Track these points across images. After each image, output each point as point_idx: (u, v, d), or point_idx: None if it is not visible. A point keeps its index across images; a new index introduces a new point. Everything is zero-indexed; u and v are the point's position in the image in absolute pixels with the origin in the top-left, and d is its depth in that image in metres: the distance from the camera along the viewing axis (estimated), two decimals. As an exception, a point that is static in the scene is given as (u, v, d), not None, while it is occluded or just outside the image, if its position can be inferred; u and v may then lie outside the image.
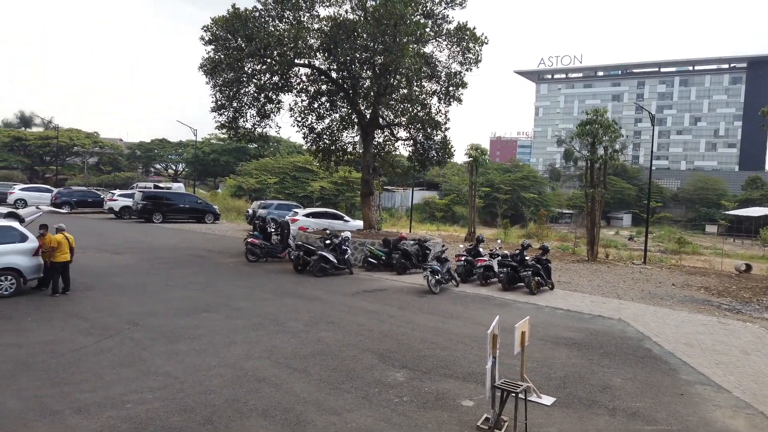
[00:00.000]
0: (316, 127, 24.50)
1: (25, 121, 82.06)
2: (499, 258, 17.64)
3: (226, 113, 22.31)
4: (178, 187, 46.14)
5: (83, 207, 38.79)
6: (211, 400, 7.56)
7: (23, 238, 13.43)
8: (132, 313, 12.03)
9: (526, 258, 17.23)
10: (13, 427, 6.52)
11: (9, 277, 13.02)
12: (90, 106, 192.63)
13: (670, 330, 12.79)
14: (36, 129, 78.36)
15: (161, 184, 45.09)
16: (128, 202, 36.16)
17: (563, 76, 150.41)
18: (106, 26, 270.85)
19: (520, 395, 6.98)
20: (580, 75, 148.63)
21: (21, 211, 17.72)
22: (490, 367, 6.87)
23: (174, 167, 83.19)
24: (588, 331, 12.40)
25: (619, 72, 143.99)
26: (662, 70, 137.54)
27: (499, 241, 24.08)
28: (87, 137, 73.20)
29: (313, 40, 21.17)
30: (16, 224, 13.93)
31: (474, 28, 22.71)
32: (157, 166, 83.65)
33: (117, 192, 39.38)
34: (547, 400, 8.14)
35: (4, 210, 18.18)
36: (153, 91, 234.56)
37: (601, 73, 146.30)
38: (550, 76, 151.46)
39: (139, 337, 10.30)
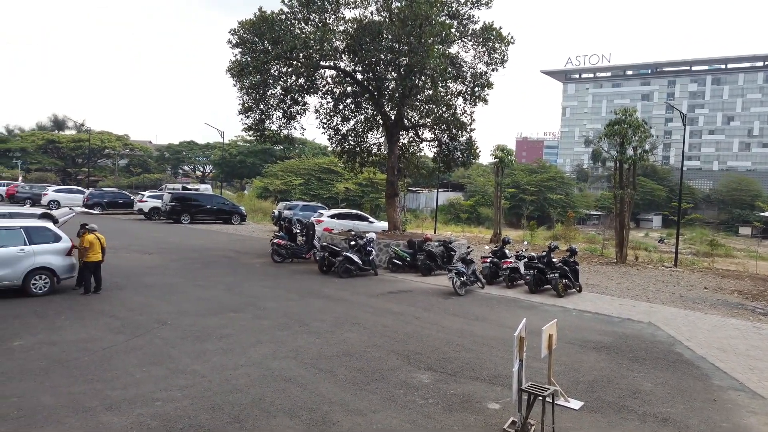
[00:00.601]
0: (341, 128, 24.62)
1: (59, 124, 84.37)
2: (526, 260, 17.45)
3: (252, 115, 22.57)
4: (206, 188, 46.84)
5: (114, 208, 39.63)
6: (238, 399, 7.64)
7: (57, 238, 13.77)
8: (161, 313, 12.24)
9: (553, 260, 17.01)
10: (47, 422, 6.69)
11: (43, 276, 13.38)
12: (120, 108, 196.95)
13: (702, 334, 12.49)
14: (69, 132, 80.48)
15: (189, 186, 45.80)
16: (157, 203, 36.81)
17: (591, 75, 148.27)
18: (136, 31, 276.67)
19: (547, 399, 6.89)
20: (609, 74, 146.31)
21: (55, 212, 18.18)
22: (517, 370, 6.80)
23: (202, 169, 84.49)
24: (617, 334, 12.18)
25: (649, 71, 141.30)
26: (693, 68, 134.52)
27: (525, 242, 23.82)
28: (117, 140, 74.86)
29: (338, 42, 21.27)
30: (50, 224, 14.30)
31: (500, 28, 22.53)
32: (186, 167, 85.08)
33: (146, 193, 40.12)
34: (575, 404, 8.02)
35: (38, 211, 18.68)
36: (181, 94, 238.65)
37: (630, 72, 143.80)
38: (577, 76, 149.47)
39: (168, 336, 10.47)
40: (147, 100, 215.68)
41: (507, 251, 19.01)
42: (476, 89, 23.00)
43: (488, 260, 18.13)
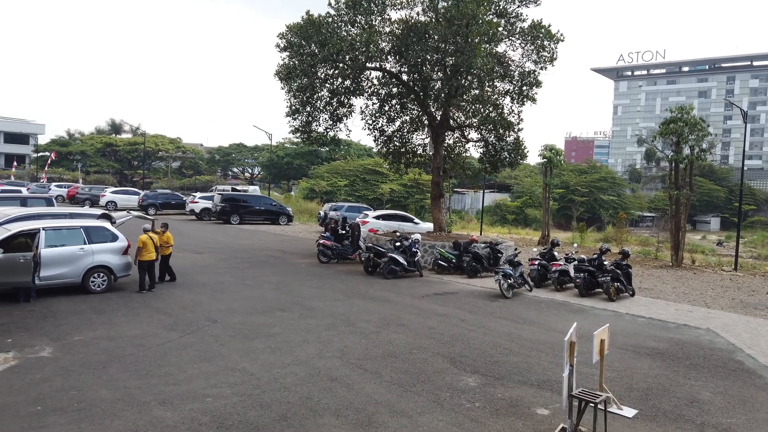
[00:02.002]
0: (386, 129, 24.65)
1: (116, 127, 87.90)
2: (576, 262, 17.01)
3: (300, 118, 22.87)
4: (254, 189, 47.84)
5: (167, 209, 40.93)
6: (285, 397, 7.74)
7: (114, 238, 14.34)
8: (211, 311, 12.55)
9: (605, 263, 16.51)
10: (104, 415, 6.95)
11: (101, 274, 13.94)
12: (173, 112, 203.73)
13: (766, 342, 11.86)
14: (125, 135, 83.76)
15: (238, 187, 46.89)
16: (208, 204, 37.82)
17: (644, 72, 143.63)
18: (188, 36, 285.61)
19: (599, 406, 6.68)
20: (663, 71, 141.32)
21: (113, 214, 18.95)
22: (567, 376, 6.62)
23: (250, 170, 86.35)
24: (673, 340, 11.71)
25: (706, 67, 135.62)
26: (755, 63, 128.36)
27: (575, 245, 23.23)
28: (171, 142, 77.38)
29: (384, 44, 21.31)
30: (107, 224, 14.91)
31: (549, 26, 22.08)
32: (235, 169, 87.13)
33: (198, 195, 41.28)
34: (629, 412, 7.75)
35: (97, 211, 19.51)
36: (231, 97, 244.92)
37: (686, 69, 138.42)
38: (629, 73, 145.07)
39: (218, 334, 10.72)
40: (198, 104, 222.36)
41: (556, 253, 18.60)
42: (524, 88, 22.62)
43: (536, 262, 17.78)
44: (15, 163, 69.86)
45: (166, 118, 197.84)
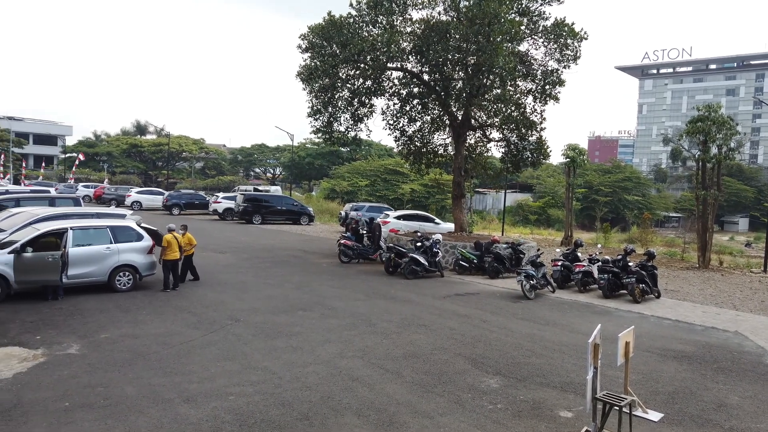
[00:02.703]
0: (407, 129, 24.63)
1: (141, 129, 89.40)
2: (599, 263, 16.76)
3: (321, 118, 22.97)
4: (276, 190, 48.19)
5: (190, 209, 41.46)
6: (307, 396, 7.77)
7: (139, 238, 14.57)
8: (234, 310, 12.67)
9: (629, 264, 16.26)
10: (130, 412, 7.06)
11: (127, 273, 14.18)
12: (197, 113, 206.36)
13: (798, 346, 11.55)
14: (150, 136, 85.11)
15: (260, 188, 47.28)
16: (231, 204, 38.20)
17: (670, 70, 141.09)
18: (210, 38, 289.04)
19: (624, 409, 6.58)
20: (690, 69, 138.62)
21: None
22: (591, 378, 6.53)
23: (272, 171, 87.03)
24: (700, 343, 11.48)
25: (735, 64, 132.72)
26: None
27: (599, 245, 22.92)
28: (194, 143, 78.40)
29: (405, 44, 21.29)
30: (132, 224, 15.16)
31: (572, 24, 21.84)
32: (257, 169, 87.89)
33: (221, 195, 41.73)
34: (654, 415, 7.61)
35: (123, 211, 19.83)
36: (253, 99, 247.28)
37: (713, 66, 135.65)
38: (655, 71, 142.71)
39: (240, 333, 10.82)
40: (222, 105, 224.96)
41: (579, 254, 18.38)
42: (547, 87, 22.40)
43: (559, 263, 17.57)
44: (44, 164, 71.48)
45: (189, 120, 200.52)
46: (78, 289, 13.59)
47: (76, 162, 59.13)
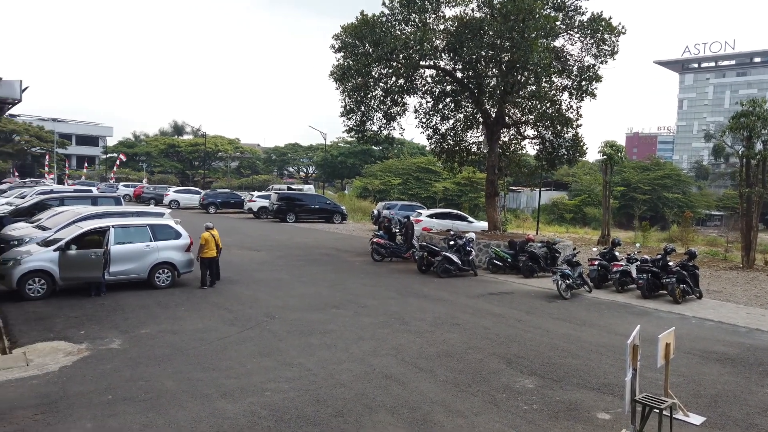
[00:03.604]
0: (440, 127, 24.52)
1: (178, 129, 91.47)
2: (638, 263, 16.38)
3: (354, 117, 23.06)
4: (309, 188, 48.63)
5: (226, 207, 42.20)
6: (341, 393, 7.83)
7: (177, 236, 14.91)
8: (269, 307, 12.86)
9: (669, 263, 15.83)
10: (170, 406, 7.24)
11: (166, 270, 14.52)
12: (232, 113, 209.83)
13: None
14: (187, 136, 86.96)
15: (294, 186, 47.77)
16: (265, 203, 38.74)
17: (712, 64, 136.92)
18: (245, 40, 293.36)
19: (664, 412, 6.42)
20: (733, 62, 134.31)
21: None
22: (630, 380, 6.39)
23: (305, 170, 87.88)
24: (744, 345, 11.11)
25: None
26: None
27: (637, 245, 22.36)
28: (229, 143, 79.80)
29: (438, 41, 21.20)
30: (171, 222, 15.52)
31: (610, 18, 21.38)
32: (290, 168, 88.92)
33: (255, 194, 42.35)
34: (696, 419, 7.41)
35: (162, 210, 20.32)
36: (287, 99, 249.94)
37: (758, 60, 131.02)
38: (696, 65, 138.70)
39: (275, 329, 10.97)
40: (256, 105, 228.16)
41: (617, 253, 17.99)
42: (583, 83, 21.99)
43: (596, 263, 17.24)
44: (86, 164, 73.81)
45: (225, 120, 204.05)
46: (119, 286, 13.98)
47: (117, 162, 60.89)
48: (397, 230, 22.18)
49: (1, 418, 6.67)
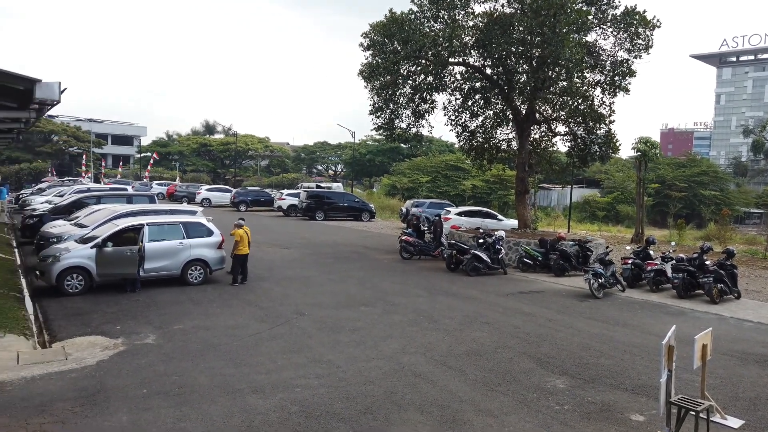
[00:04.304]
0: (469, 125, 24.35)
1: (209, 128, 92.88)
2: (673, 262, 16.00)
3: (382, 115, 23.06)
4: (338, 186, 48.91)
5: (256, 205, 42.71)
6: (370, 390, 7.85)
7: (210, 233, 15.16)
8: (299, 304, 12.97)
9: (706, 262, 15.41)
10: (202, 400, 7.37)
11: (198, 267, 14.78)
12: (262, 112, 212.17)
13: None
14: (218, 136, 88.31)
15: (322, 185, 48.07)
16: (294, 201, 39.09)
17: (751, 57, 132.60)
18: (275, 39, 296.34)
19: (701, 414, 6.26)
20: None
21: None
22: (665, 381, 6.25)
23: (333, 168, 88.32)
24: (785, 348, 10.74)
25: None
26: None
27: (672, 243, 21.85)
28: (259, 142, 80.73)
29: (467, 38, 21.04)
30: (203, 220, 15.78)
31: (644, 12, 20.90)
32: (319, 167, 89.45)
33: (285, 192, 42.75)
34: (734, 422, 7.20)
35: (194, 208, 20.69)
36: (316, 97, 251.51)
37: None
38: (734, 59, 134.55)
39: (305, 326, 11.07)
40: (286, 104, 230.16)
41: (651, 252, 17.60)
42: (616, 78, 21.57)
43: (629, 261, 16.89)
44: (121, 163, 75.62)
45: (255, 119, 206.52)
46: (153, 282, 14.28)
47: (151, 161, 62.17)
48: (426, 228, 22.11)
49: (43, 410, 6.89)
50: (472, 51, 21.40)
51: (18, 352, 8.93)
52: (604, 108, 22.03)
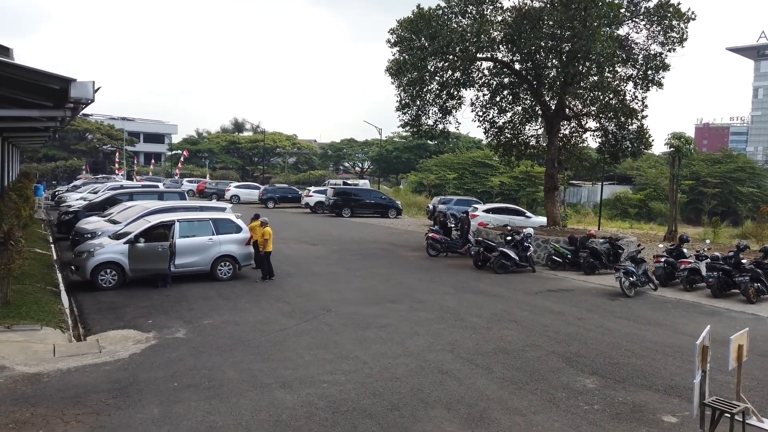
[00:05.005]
0: (497, 120, 24.13)
1: (238, 126, 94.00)
2: (708, 260, 15.59)
3: (409, 111, 23.02)
4: (364, 183, 48.97)
5: (284, 202, 43.10)
6: (397, 387, 7.85)
7: (238, 229, 15.35)
8: (326, 300, 13.05)
9: (743, 261, 14.98)
10: (231, 394, 7.47)
11: (227, 263, 14.99)
12: (289, 110, 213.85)
13: None
14: (246, 133, 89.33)
15: (349, 181, 48.19)
16: (321, 198, 39.30)
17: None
18: (302, 38, 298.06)
19: (736, 417, 6.09)
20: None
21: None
22: (699, 382, 6.09)
23: (360, 165, 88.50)
24: (827, 350, 10.37)
25: None
26: None
27: (707, 241, 21.30)
28: (287, 139, 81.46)
29: (495, 33, 20.83)
30: (232, 217, 16.00)
31: (678, 4, 20.38)
32: (346, 164, 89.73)
33: (312, 189, 43.03)
34: (772, 426, 6.97)
35: (223, 204, 20.98)
36: (343, 95, 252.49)
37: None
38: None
39: (332, 322, 11.13)
40: (313, 102, 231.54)
41: (685, 250, 17.18)
42: (649, 72, 21.11)
43: (662, 260, 16.52)
44: (152, 161, 77.14)
45: (283, 116, 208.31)
46: (184, 278, 14.52)
47: (182, 159, 63.26)
48: (453, 225, 22.01)
49: (78, 401, 7.07)
50: (500, 46, 21.19)
51: (54, 345, 9.19)
52: (637, 103, 21.62)
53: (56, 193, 39.47)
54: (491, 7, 20.99)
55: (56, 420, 6.54)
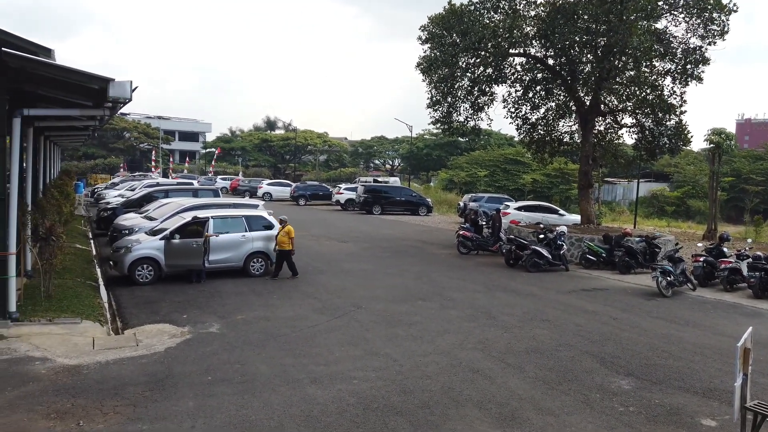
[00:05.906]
0: (530, 117, 23.80)
1: (270, 124, 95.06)
2: (750, 260, 15.09)
3: (440, 108, 22.88)
4: (395, 181, 48.95)
5: (315, 200, 43.42)
6: (427, 385, 7.83)
7: (270, 226, 15.52)
8: (356, 297, 13.09)
9: (787, 261, 14.45)
10: (263, 389, 7.57)
11: (259, 259, 15.18)
12: (320, 108, 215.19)
13: None
14: (278, 131, 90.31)
15: (380, 179, 48.24)
16: (352, 195, 39.44)
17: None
18: (333, 36, 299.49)
19: (780, 423, 5.88)
20: None
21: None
22: (740, 385, 5.90)
23: (391, 162, 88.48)
24: None
25: None
26: None
27: (749, 240, 20.60)
28: (318, 137, 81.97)
29: (528, 28, 20.54)
30: (264, 214, 16.19)
31: (719, -5, 19.74)
32: (376, 161, 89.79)
33: (343, 186, 43.22)
34: (819, 433, 6.70)
35: (256, 202, 21.24)
36: (374, 92, 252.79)
37: None
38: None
39: (362, 319, 11.16)
40: (344, 99, 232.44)
41: (725, 249, 16.68)
42: (688, 67, 20.49)
43: (701, 259, 16.05)
44: (187, 159, 78.67)
45: (314, 114, 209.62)
46: (217, 273, 14.75)
47: (215, 156, 64.30)
48: (484, 223, 21.81)
49: (116, 393, 7.26)
50: (533, 41, 20.89)
51: (93, 338, 9.46)
52: (675, 98, 20.99)
53: (95, 190, 40.59)
54: (524, 2, 20.70)
55: (95, 411, 6.73)
